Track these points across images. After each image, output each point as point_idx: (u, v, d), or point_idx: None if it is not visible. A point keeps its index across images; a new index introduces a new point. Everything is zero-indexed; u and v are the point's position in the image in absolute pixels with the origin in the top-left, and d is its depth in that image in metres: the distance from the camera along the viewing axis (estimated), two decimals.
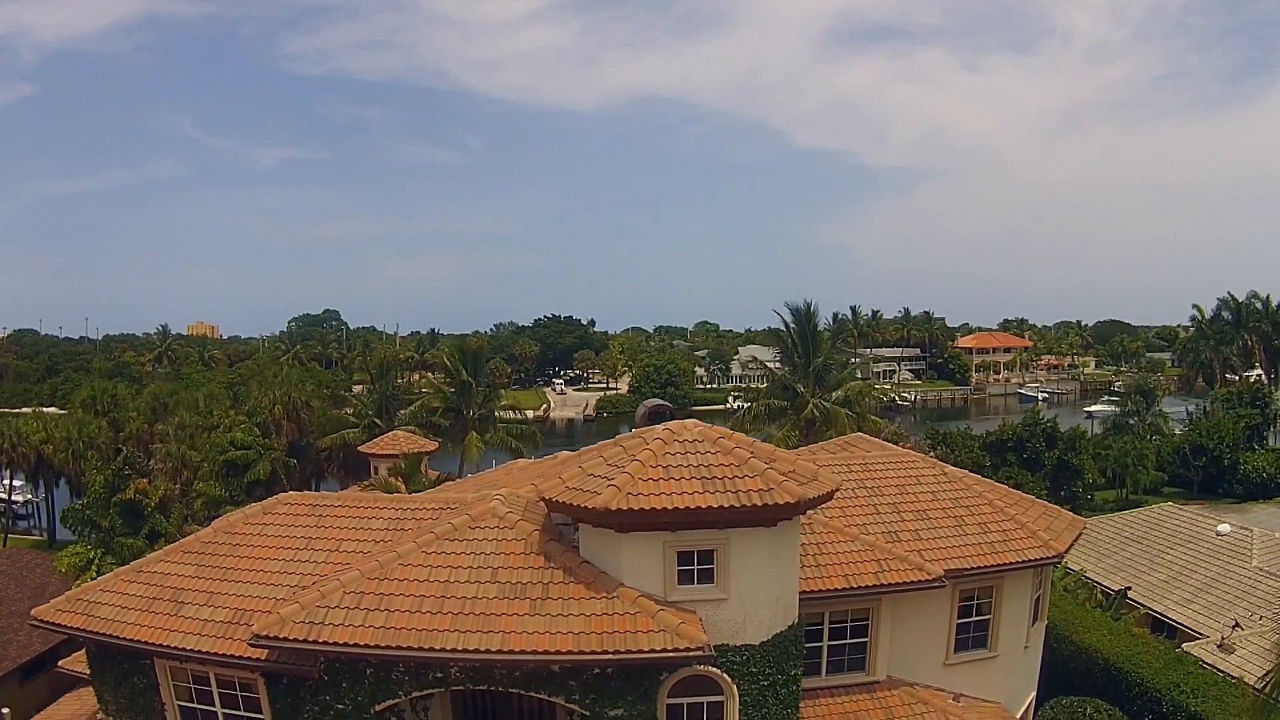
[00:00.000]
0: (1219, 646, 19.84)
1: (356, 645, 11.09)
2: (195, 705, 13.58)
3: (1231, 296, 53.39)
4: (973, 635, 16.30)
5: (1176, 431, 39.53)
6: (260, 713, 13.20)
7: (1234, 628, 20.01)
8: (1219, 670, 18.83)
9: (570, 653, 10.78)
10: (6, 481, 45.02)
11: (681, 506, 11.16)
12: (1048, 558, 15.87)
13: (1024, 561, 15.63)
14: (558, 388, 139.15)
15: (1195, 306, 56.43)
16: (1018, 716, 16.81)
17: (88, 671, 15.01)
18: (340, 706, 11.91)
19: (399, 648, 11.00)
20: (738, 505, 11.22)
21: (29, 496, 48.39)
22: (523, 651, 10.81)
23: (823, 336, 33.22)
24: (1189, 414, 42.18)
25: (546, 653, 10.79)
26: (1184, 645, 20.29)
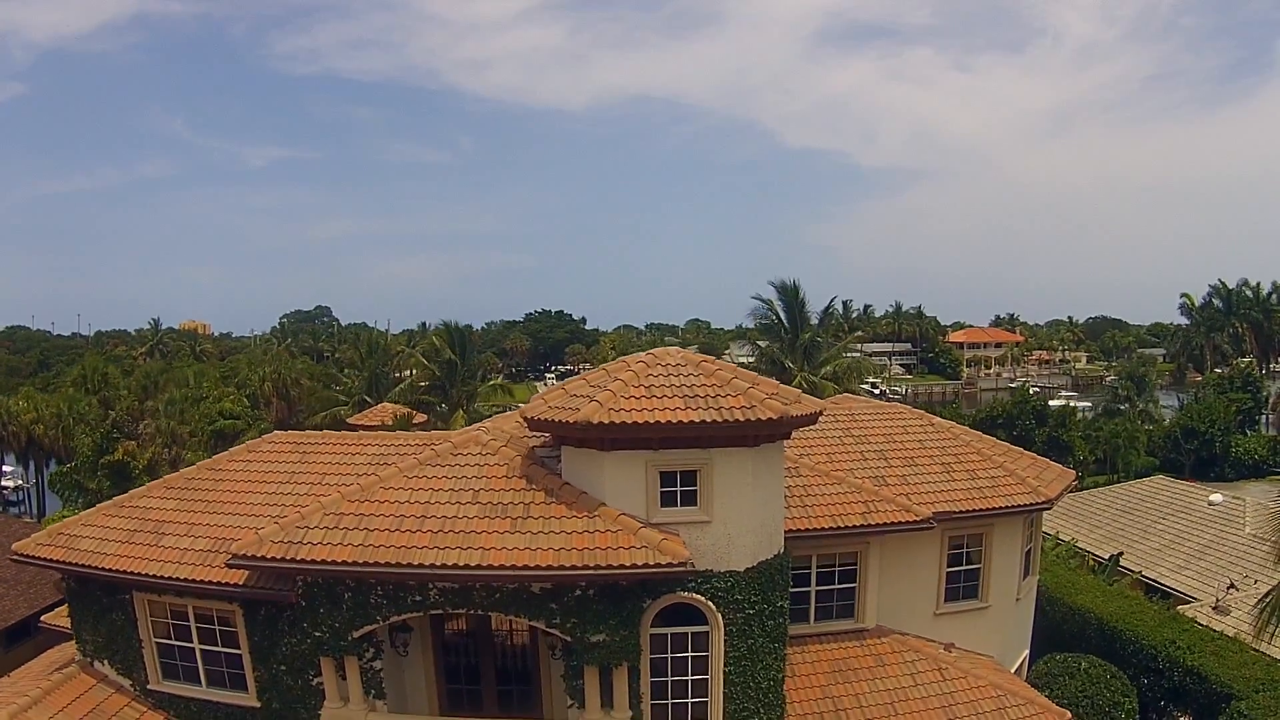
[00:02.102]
0: (1214, 608, 19.72)
1: (335, 563, 10.98)
2: (173, 642, 13.44)
3: (1222, 283, 53.73)
4: (963, 585, 16.21)
5: (1168, 419, 39.65)
6: (238, 648, 13.08)
7: (1229, 589, 19.92)
8: (1214, 631, 18.73)
9: (550, 568, 10.67)
10: None
11: (663, 421, 11.06)
12: (1037, 504, 15.79)
13: (1013, 506, 15.55)
14: (549, 382, 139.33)
15: (1184, 295, 56.89)
16: (1011, 671, 16.71)
17: (68, 624, 14.87)
18: (318, 634, 11.79)
19: (378, 564, 10.89)
20: (720, 420, 11.12)
21: (19, 483, 48.11)
22: (501, 567, 10.70)
23: (810, 315, 33.32)
24: (1180, 402, 42.23)
25: (526, 568, 10.68)
26: (1178, 608, 20.20)
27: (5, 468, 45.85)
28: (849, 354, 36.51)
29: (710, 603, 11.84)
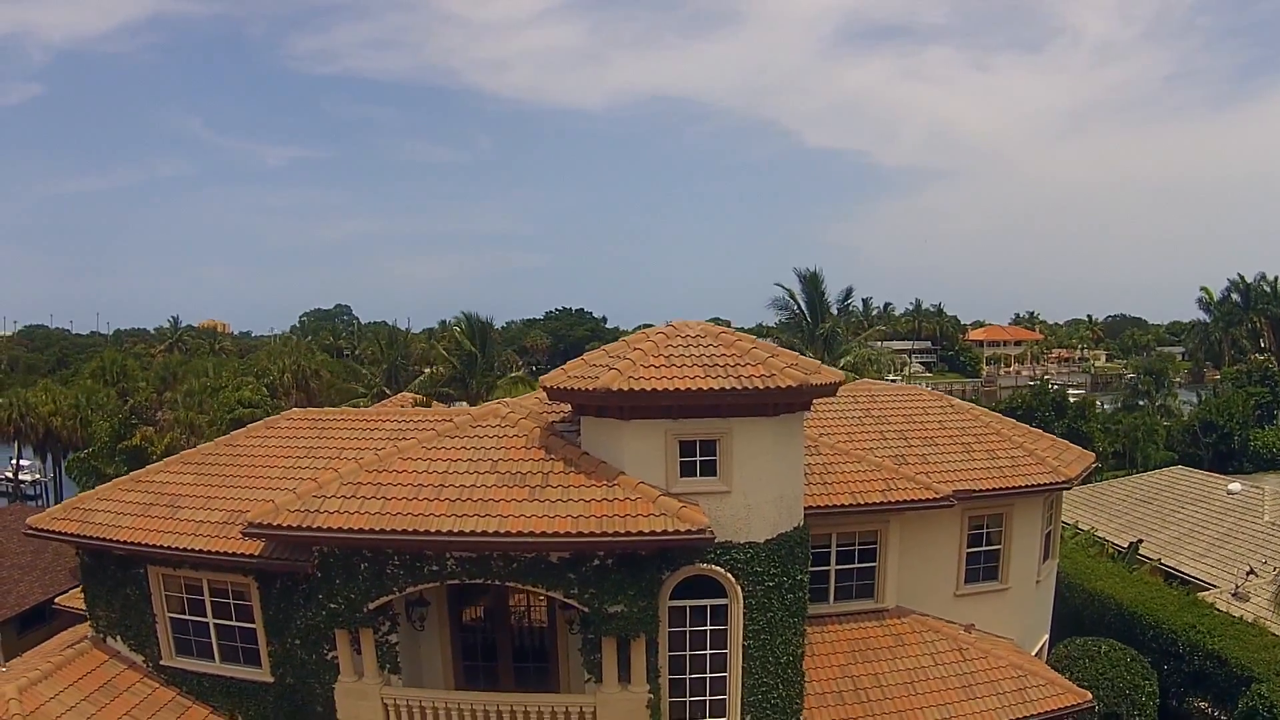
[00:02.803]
0: (1234, 595, 19.43)
1: (351, 530, 10.90)
2: (187, 617, 13.41)
3: (1240, 278, 53.10)
4: (983, 566, 16.02)
5: (1186, 414, 39.20)
6: (252, 621, 13.04)
7: (1249, 574, 19.63)
8: (1234, 617, 18.45)
9: (568, 535, 10.56)
10: (14, 461, 45.07)
11: (683, 388, 10.96)
12: (1057, 483, 15.60)
13: (1033, 486, 15.36)
14: None
15: (1203, 289, 56.36)
16: (1031, 655, 16.49)
17: (82, 606, 14.86)
18: (333, 605, 11.71)
19: (395, 531, 10.80)
20: (739, 388, 11.01)
21: (37, 476, 48.41)
22: (519, 534, 10.60)
23: (830, 305, 33.17)
24: (1199, 398, 41.74)
25: (544, 535, 10.58)
26: (1198, 595, 19.91)
27: (23, 461, 46.14)
28: (868, 345, 36.34)
29: (729, 574, 11.72)
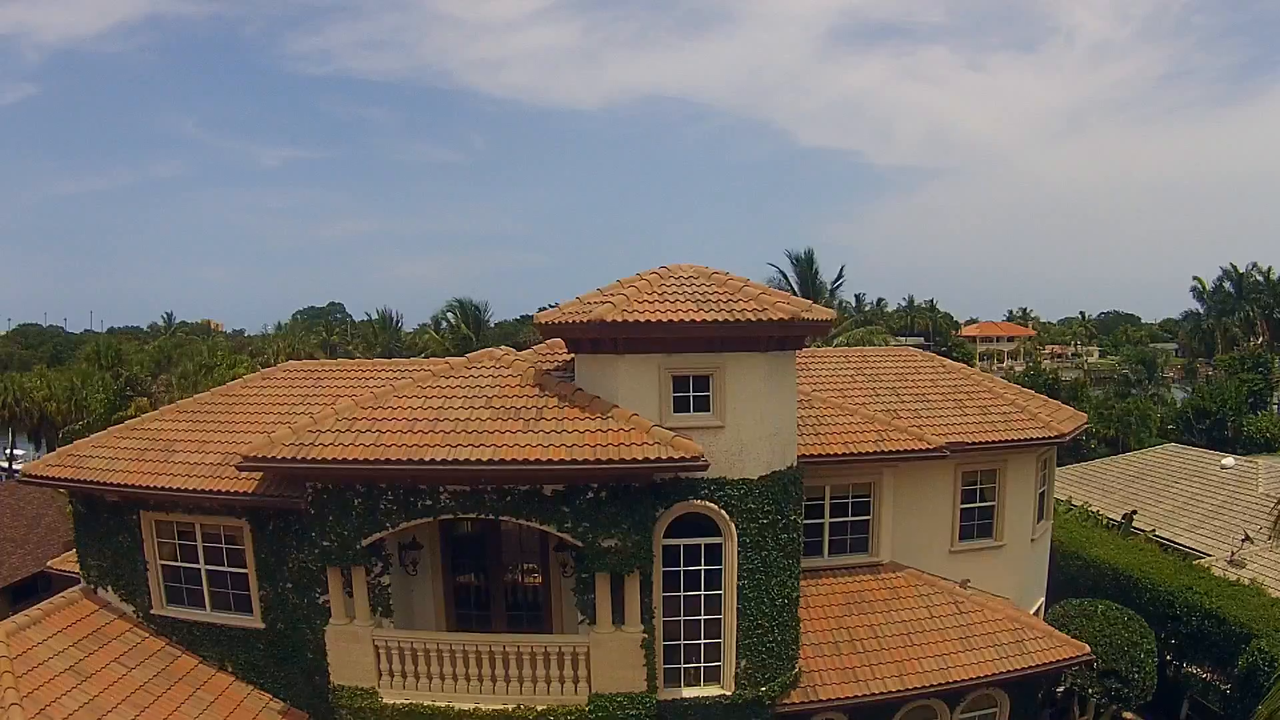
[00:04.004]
0: (1229, 562, 19.44)
1: (346, 461, 10.89)
2: (179, 563, 13.36)
3: (1233, 267, 53.49)
4: (978, 523, 16.04)
5: (1179, 401, 39.41)
6: (244, 566, 13.00)
7: (1244, 541, 19.67)
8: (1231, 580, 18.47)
9: (562, 463, 10.56)
10: (9, 451, 44.81)
11: (676, 320, 11.03)
12: (1049, 438, 15.65)
13: (1026, 440, 15.41)
14: None
15: (1196, 278, 56.71)
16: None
17: (76, 570, 14.77)
18: (327, 543, 11.67)
19: (389, 462, 10.79)
20: (731, 320, 11.09)
21: None
22: (513, 462, 10.60)
23: (824, 287, 33.32)
24: (1193, 389, 41.95)
25: (538, 463, 10.58)
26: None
27: (18, 451, 45.84)
28: (866, 328, 36.44)
29: (723, 511, 11.72)
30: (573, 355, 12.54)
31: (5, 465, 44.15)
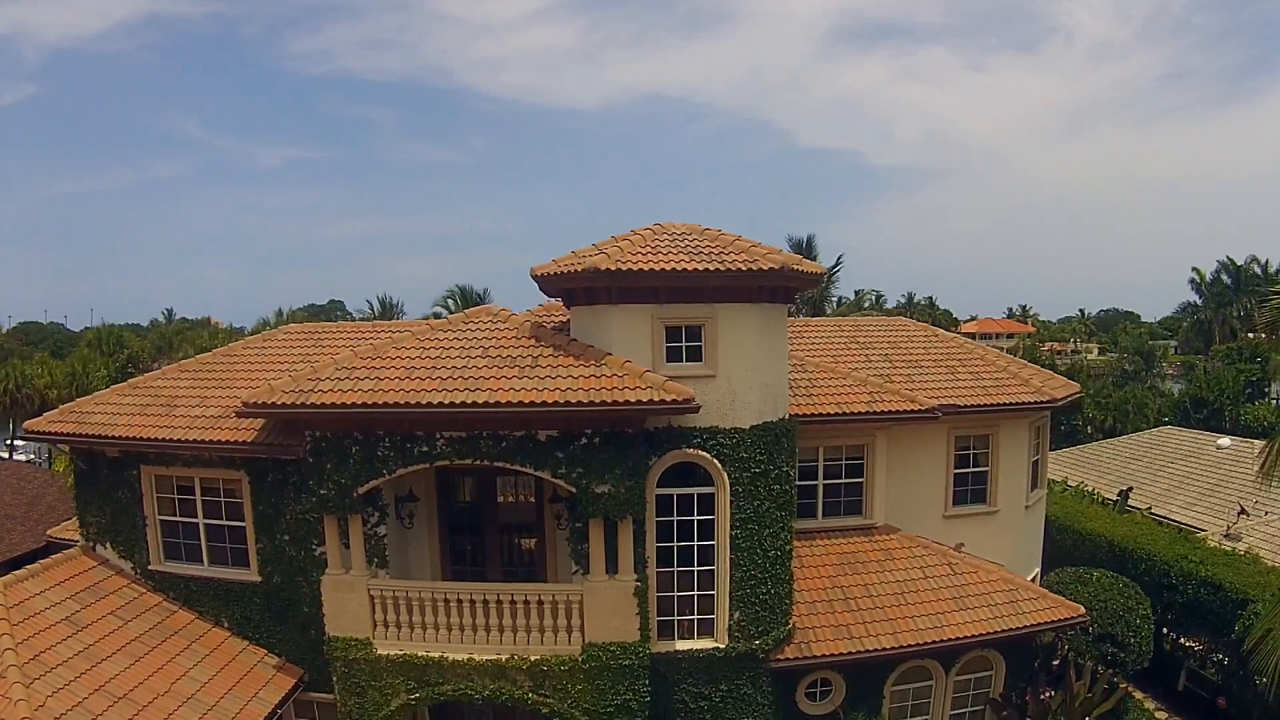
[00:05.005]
0: (1225, 536, 19.48)
1: (344, 406, 11.05)
2: (177, 518, 13.49)
3: (1230, 260, 53.62)
4: (971, 489, 16.13)
5: (1176, 392, 39.47)
6: (242, 519, 13.13)
7: (1240, 514, 19.70)
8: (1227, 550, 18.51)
9: (556, 405, 10.71)
10: (10, 442, 44.91)
11: (669, 268, 11.21)
12: (1041, 402, 15.75)
13: (1018, 404, 15.52)
14: None
15: (1194, 269, 56.65)
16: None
17: (75, 536, 14.88)
18: (324, 491, 11.81)
19: (386, 405, 10.96)
20: (723, 269, 11.30)
21: (31, 457, 48.22)
22: (508, 404, 10.74)
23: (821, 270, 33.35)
24: (1190, 380, 42.06)
25: (532, 405, 10.72)
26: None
27: (18, 442, 45.95)
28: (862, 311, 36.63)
29: (715, 460, 11.85)
30: (568, 319, 12.71)
31: (4, 456, 44.30)
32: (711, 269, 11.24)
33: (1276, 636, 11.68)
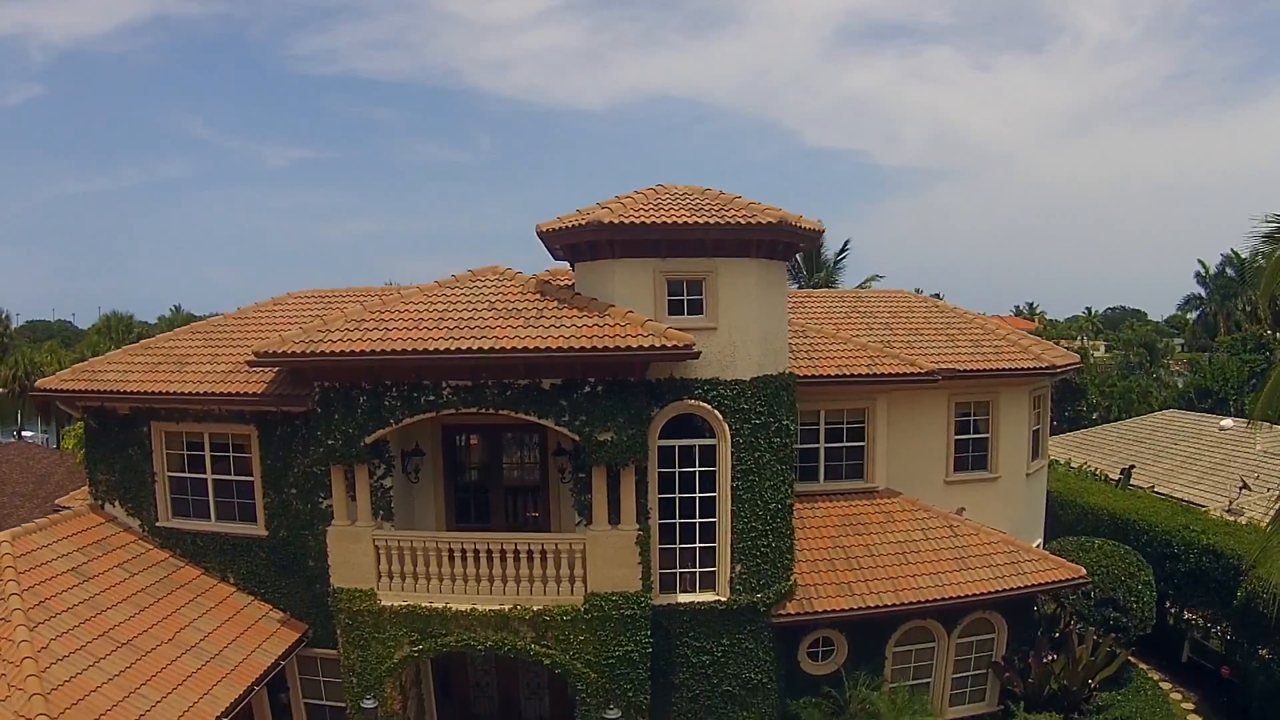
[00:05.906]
0: (1227, 511, 19.51)
1: (352, 354, 11.25)
2: (186, 474, 13.67)
3: (1235, 253, 53.38)
4: (972, 455, 16.25)
5: (1180, 384, 39.47)
6: (250, 475, 13.31)
7: (1242, 489, 19.73)
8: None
9: (559, 350, 10.88)
10: (17, 431, 45.34)
11: (671, 222, 11.42)
12: (1041, 369, 15.87)
13: (1017, 369, 15.65)
14: None
15: (1200, 262, 56.57)
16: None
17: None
18: (332, 441, 11.98)
19: (394, 353, 11.17)
20: (723, 223, 11.51)
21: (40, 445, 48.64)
22: (513, 350, 10.93)
23: (828, 260, 33.65)
24: (1194, 371, 42.02)
25: (536, 350, 10.91)
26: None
27: (26, 433, 46.35)
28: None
29: (716, 411, 12.01)
30: (573, 282, 12.90)
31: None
32: (712, 222, 11.46)
33: (1272, 552, 11.76)
